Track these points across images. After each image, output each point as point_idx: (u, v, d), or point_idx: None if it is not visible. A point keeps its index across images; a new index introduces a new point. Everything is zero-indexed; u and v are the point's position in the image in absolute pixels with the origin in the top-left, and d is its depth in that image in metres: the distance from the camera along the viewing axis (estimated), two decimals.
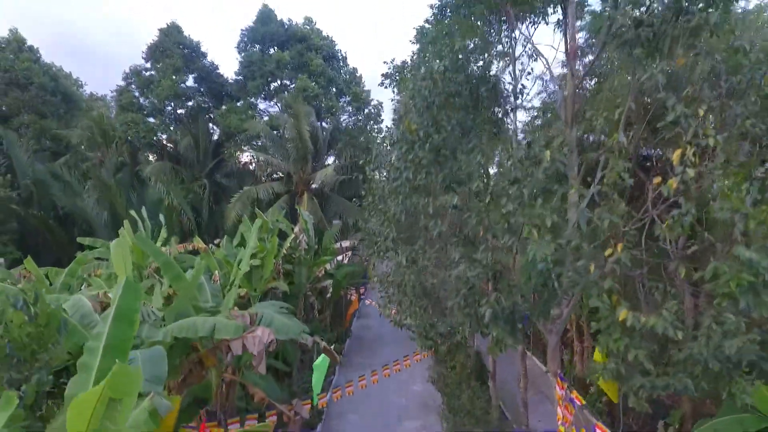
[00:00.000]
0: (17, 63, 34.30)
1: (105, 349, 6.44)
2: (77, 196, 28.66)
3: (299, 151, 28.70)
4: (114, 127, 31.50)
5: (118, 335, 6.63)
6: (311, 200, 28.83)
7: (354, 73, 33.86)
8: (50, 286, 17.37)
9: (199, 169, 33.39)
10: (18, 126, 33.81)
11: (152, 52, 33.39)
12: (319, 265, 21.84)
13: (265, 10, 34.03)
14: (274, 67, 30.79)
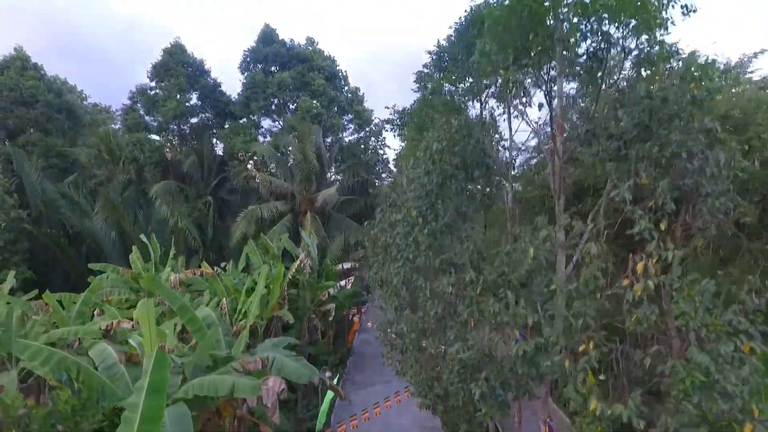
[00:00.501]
0: (22, 81, 34.99)
1: (141, 419, 7.29)
2: (86, 216, 29.45)
3: (303, 172, 29.46)
4: (121, 146, 32.23)
5: (152, 406, 7.45)
6: (314, 219, 29.60)
7: (356, 92, 34.63)
8: (66, 314, 18.28)
9: (204, 186, 34.18)
10: (24, 143, 34.51)
11: (157, 72, 34.12)
12: (323, 289, 22.62)
13: (266, 30, 34.73)
14: (275, 89, 31.53)
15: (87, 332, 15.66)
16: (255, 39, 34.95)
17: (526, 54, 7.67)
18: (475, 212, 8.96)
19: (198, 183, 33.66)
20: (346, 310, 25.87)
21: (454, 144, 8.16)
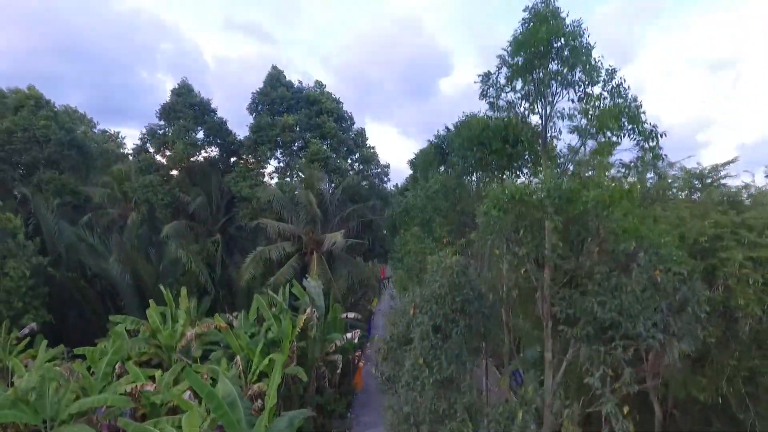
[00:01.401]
0: (35, 120, 36.30)
1: None
2: (102, 258, 30.73)
3: (309, 215, 30.78)
4: (134, 188, 33.49)
5: None
6: (320, 260, 30.89)
7: (362, 134, 36.01)
8: (92, 375, 19.59)
9: (212, 224, 35.51)
10: (38, 182, 35.83)
11: (166, 113, 35.46)
12: (330, 341, 23.91)
13: (273, 72, 36.06)
14: (280, 131, 32.82)
15: (116, 401, 17.00)
16: (263, 81, 36.39)
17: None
18: (475, 351, 10.25)
19: (207, 221, 34.96)
20: (351, 354, 27.20)
21: (455, 287, 9.44)
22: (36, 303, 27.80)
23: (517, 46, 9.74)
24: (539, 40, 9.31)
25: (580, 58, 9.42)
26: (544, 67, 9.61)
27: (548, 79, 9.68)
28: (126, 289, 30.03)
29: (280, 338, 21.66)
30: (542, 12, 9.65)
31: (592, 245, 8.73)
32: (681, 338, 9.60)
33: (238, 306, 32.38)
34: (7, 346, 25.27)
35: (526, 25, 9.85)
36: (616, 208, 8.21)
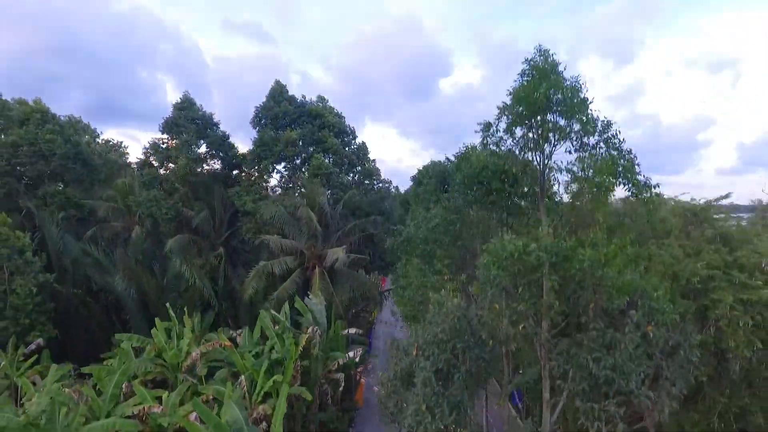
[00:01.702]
0: (41, 135, 36.69)
1: None
2: (107, 273, 31.14)
3: (311, 231, 31.18)
4: (138, 202, 33.86)
5: None
6: (322, 275, 31.25)
7: (363, 148, 36.40)
8: (99, 395, 19.99)
9: (216, 237, 35.90)
10: (43, 195, 36.24)
11: (169, 127, 35.86)
12: (333, 360, 24.30)
13: (276, 87, 36.46)
14: (283, 147, 33.21)
15: (124, 425, 17.39)
16: (266, 95, 36.80)
17: None
18: (476, 394, 10.65)
19: (210, 234, 35.34)
20: (353, 370, 27.58)
21: (456, 333, 9.84)
22: (42, 319, 28.18)
23: (517, 100, 10.13)
24: (539, 97, 9.70)
25: (578, 112, 9.79)
26: (543, 120, 10.00)
27: (546, 131, 10.06)
28: (131, 304, 30.44)
29: (284, 357, 22.03)
30: (541, 66, 10.03)
31: (588, 302, 9.11)
32: (673, 382, 9.96)
33: (241, 320, 32.84)
34: (15, 363, 25.73)
35: (525, 77, 10.22)
36: (611, 267, 8.59)
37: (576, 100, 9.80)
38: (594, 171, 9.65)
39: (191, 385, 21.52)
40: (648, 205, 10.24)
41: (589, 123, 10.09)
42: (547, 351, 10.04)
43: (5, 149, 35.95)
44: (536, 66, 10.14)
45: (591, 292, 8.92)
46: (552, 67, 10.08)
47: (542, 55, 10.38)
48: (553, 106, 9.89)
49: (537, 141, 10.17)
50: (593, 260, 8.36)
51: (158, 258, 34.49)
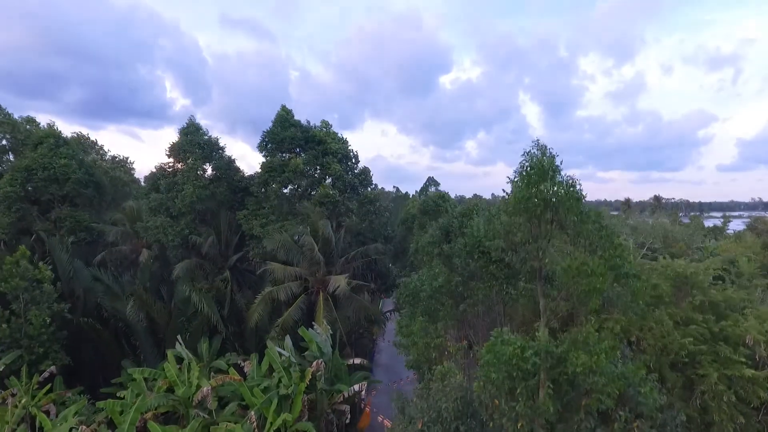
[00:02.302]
0: (55, 160, 37.50)
1: None
2: (117, 299, 31.96)
3: (315, 258, 31.97)
4: (145, 228, 34.62)
5: None
6: (326, 301, 32.06)
7: (366, 174, 37.12)
8: None
9: (222, 260, 36.70)
10: (56, 218, 37.09)
11: (176, 152, 36.62)
12: (338, 393, 25.09)
13: (282, 113, 37.17)
14: (291, 174, 33.96)
15: None
16: (272, 120, 37.56)
17: None
18: None
19: (216, 258, 36.13)
20: (357, 399, 28.33)
21: (458, 415, 10.58)
22: (56, 347, 28.94)
23: (516, 202, 10.79)
24: (538, 202, 10.37)
25: (574, 210, 10.44)
26: (542, 218, 10.65)
27: (544, 227, 10.74)
28: (140, 329, 31.22)
29: (292, 393, 22.83)
30: (538, 164, 10.68)
31: (580, 403, 9.83)
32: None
33: (248, 344, 33.67)
34: (30, 391, 26.55)
35: (525, 176, 10.87)
36: (603, 373, 9.30)
37: (573, 203, 10.41)
38: (588, 271, 10.30)
39: (203, 420, 22.32)
40: (634, 291, 10.92)
41: (585, 218, 10.68)
42: None
43: (20, 173, 36.79)
44: (534, 164, 10.78)
45: (583, 394, 9.63)
46: (550, 164, 10.74)
47: (540, 150, 11.03)
48: (551, 205, 10.53)
49: (536, 236, 10.82)
50: (586, 366, 9.05)
51: (166, 281, 35.28)
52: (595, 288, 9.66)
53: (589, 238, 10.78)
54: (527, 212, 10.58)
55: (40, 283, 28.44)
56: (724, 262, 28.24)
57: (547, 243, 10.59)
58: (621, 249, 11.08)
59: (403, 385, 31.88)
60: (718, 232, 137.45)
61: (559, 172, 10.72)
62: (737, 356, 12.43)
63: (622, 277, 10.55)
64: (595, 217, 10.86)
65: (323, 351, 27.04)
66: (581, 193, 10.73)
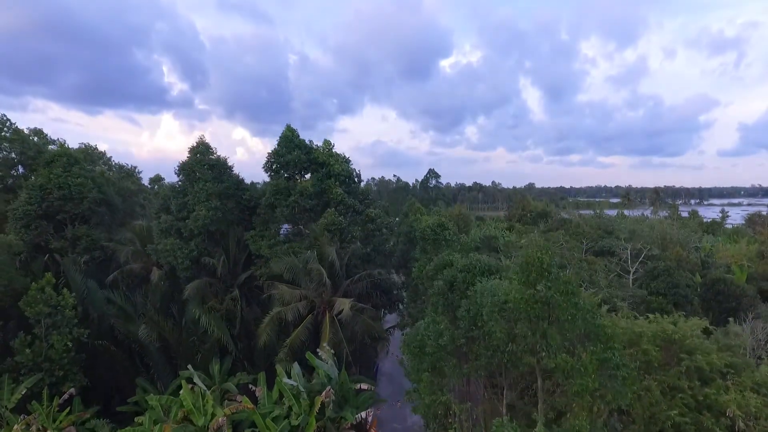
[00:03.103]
0: (70, 179, 38.38)
1: None
2: (130, 321, 33.17)
3: (322, 281, 33.09)
4: (156, 250, 35.61)
5: None
6: (333, 322, 33.25)
7: (367, 195, 37.99)
8: None
9: (232, 279, 37.82)
10: (71, 236, 38.09)
11: (187, 173, 37.51)
12: (348, 420, 26.36)
13: (288, 134, 37.95)
14: (298, 196, 34.86)
15: None
16: (277, 141, 38.35)
17: None
18: None
19: (226, 277, 37.24)
20: (364, 423, 29.65)
21: None
22: (75, 369, 30.19)
23: (515, 303, 11.74)
24: (536, 305, 11.41)
25: (570, 308, 11.48)
26: (540, 317, 11.66)
27: (541, 325, 11.75)
28: (152, 349, 32.47)
29: (303, 422, 24.12)
30: (537, 262, 11.66)
31: None
32: None
33: (257, 363, 34.99)
34: (51, 414, 27.87)
35: (522, 268, 11.89)
36: None
37: (567, 298, 11.41)
38: (581, 369, 11.32)
39: None
40: (624, 378, 11.95)
41: (580, 314, 11.67)
42: None
43: (35, 192, 37.71)
44: (533, 261, 11.75)
45: None
46: (548, 263, 11.69)
47: (541, 255, 11.96)
48: (548, 304, 11.53)
49: (534, 331, 11.81)
50: None
51: (176, 300, 36.43)
52: (587, 387, 10.70)
53: (582, 329, 11.79)
54: (526, 313, 11.58)
55: (62, 309, 29.54)
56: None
57: (544, 340, 11.60)
58: (612, 339, 12.10)
59: (406, 403, 33.29)
60: (716, 227, 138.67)
61: (556, 270, 11.69)
62: (719, 429, 13.54)
63: (613, 369, 11.60)
64: (589, 308, 11.86)
65: (330, 377, 28.27)
66: (576, 288, 11.72)
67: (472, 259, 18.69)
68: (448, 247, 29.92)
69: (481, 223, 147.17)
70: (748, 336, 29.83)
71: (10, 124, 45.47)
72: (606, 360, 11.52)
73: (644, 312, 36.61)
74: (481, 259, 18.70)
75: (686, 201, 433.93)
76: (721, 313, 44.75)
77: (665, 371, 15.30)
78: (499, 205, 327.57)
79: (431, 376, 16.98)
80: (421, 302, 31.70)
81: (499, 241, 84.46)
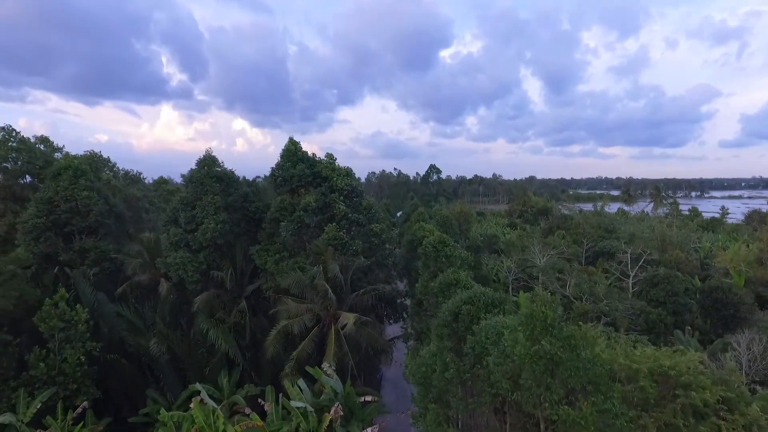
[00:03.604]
0: (76, 192, 38.95)
1: None
2: (141, 335, 33.94)
3: (326, 295, 33.82)
4: (165, 263, 36.25)
5: None
6: (338, 335, 34.00)
7: (369, 208, 38.52)
8: None
9: (239, 290, 38.53)
10: (79, 249, 38.73)
11: (195, 188, 38.04)
12: None
13: (291, 148, 38.43)
14: (302, 212, 35.43)
15: None
16: (280, 154, 38.85)
17: None
18: None
19: (233, 289, 37.95)
20: None
21: None
22: (87, 382, 30.98)
23: (520, 359, 12.37)
24: (541, 362, 12.01)
25: (573, 363, 12.13)
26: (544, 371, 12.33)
27: (545, 379, 12.41)
28: (163, 362, 33.27)
29: None
30: (541, 317, 12.28)
31: None
32: None
33: (264, 374, 35.82)
34: (66, 428, 28.71)
35: (527, 322, 12.51)
36: None
37: (571, 353, 12.06)
38: (582, 423, 11.96)
39: None
40: (621, 427, 12.64)
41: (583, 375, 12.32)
42: None
43: (43, 205, 38.32)
44: (538, 316, 12.36)
45: None
46: (552, 318, 12.32)
47: (545, 311, 12.57)
48: (553, 360, 12.16)
49: (538, 383, 12.47)
50: None
51: (185, 312, 37.18)
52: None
53: (585, 380, 12.46)
54: (530, 367, 12.23)
55: (75, 324, 30.25)
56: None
57: (548, 392, 12.26)
58: (611, 389, 12.76)
59: (409, 414, 34.19)
60: (716, 224, 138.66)
61: (560, 326, 12.34)
62: None
63: (612, 418, 12.27)
64: (590, 358, 12.52)
65: (336, 392, 29.07)
66: (578, 342, 12.36)
67: (476, 292, 19.31)
68: (451, 264, 30.56)
69: (481, 218, 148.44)
70: (744, 353, 30.60)
71: (16, 134, 45.91)
72: (606, 410, 12.19)
73: (643, 323, 37.39)
74: (485, 292, 19.31)
75: (687, 194, 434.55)
76: (719, 320, 45.55)
77: (661, 408, 15.99)
78: (500, 198, 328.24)
79: (437, 407, 17.68)
80: (425, 316, 32.41)
81: (500, 239, 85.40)
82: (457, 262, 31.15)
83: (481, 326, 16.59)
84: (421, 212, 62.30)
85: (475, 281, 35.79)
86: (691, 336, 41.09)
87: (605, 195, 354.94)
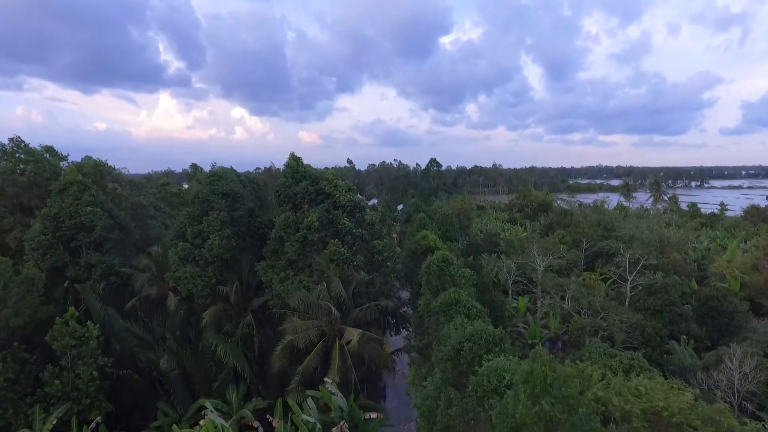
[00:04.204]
0: (81, 208, 39.65)
1: None
2: (151, 350, 34.90)
3: (329, 312, 34.73)
4: (174, 278, 37.05)
5: None
6: (342, 351, 34.96)
7: (372, 224, 39.19)
8: None
9: (245, 304, 39.43)
10: (86, 264, 39.55)
11: (200, 203, 38.71)
12: None
13: (293, 164, 39.00)
14: (306, 230, 36.15)
15: None
16: (283, 171, 39.43)
17: None
18: None
19: (240, 302, 38.85)
20: None
21: None
22: (100, 396, 31.99)
23: (521, 420, 13.26)
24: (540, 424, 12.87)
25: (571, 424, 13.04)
26: None
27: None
28: (173, 377, 34.27)
29: None
30: (541, 378, 13.10)
31: None
32: None
33: (271, 387, 36.89)
34: None
35: (527, 382, 13.35)
36: None
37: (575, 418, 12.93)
38: None
39: None
40: None
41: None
42: None
43: (49, 221, 39.05)
44: (537, 377, 13.20)
45: None
46: (553, 379, 13.15)
47: (545, 370, 13.36)
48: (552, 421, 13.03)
49: None
50: None
51: (193, 325, 38.10)
52: None
53: None
54: (531, 428, 13.09)
55: (87, 340, 31.15)
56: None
57: None
58: None
59: (413, 426, 35.35)
60: (715, 220, 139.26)
61: (559, 386, 13.16)
62: None
63: None
64: (589, 415, 13.39)
65: (342, 408, 30.10)
66: (578, 401, 13.19)
67: (477, 330, 20.13)
68: (454, 284, 31.41)
69: (482, 212, 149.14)
70: (736, 370, 31.57)
71: (24, 145, 46.46)
72: None
73: (639, 337, 38.34)
74: (486, 330, 20.13)
75: (687, 183, 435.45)
76: (714, 327, 46.59)
77: None
78: (500, 189, 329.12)
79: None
80: (426, 333, 33.32)
81: (500, 237, 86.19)
82: (461, 281, 31.98)
83: (483, 369, 17.45)
84: (423, 217, 62.96)
85: (475, 287, 36.77)
86: (687, 345, 42.17)
87: (605, 185, 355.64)
